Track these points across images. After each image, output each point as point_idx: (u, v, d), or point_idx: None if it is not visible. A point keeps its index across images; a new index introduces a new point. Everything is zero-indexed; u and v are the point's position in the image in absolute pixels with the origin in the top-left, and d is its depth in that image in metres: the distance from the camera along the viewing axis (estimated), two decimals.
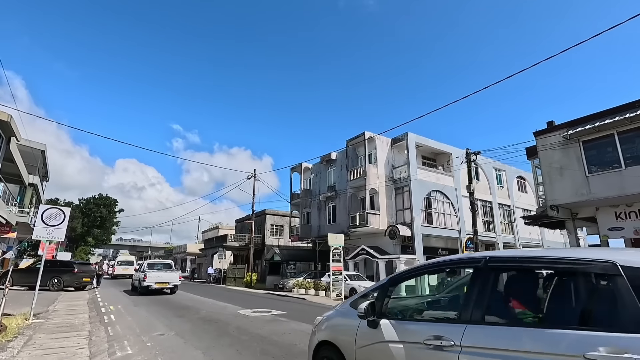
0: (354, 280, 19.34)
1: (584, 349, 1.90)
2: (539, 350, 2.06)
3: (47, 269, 19.89)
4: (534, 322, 2.40)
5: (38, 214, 9.99)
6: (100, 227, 60.57)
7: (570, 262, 2.30)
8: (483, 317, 2.48)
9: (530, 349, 2.10)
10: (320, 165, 29.28)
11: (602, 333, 1.92)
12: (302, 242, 30.86)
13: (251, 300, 16.07)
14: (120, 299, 14.80)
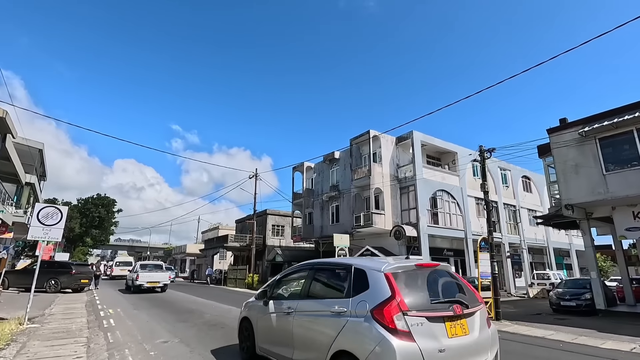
0: None
1: (335, 305, 4.02)
2: (326, 309, 4.10)
3: (44, 270, 19.46)
4: (323, 295, 4.49)
5: (34, 213, 9.50)
6: (99, 228, 59.95)
7: (340, 265, 4.59)
8: (307, 295, 4.68)
9: (320, 309, 4.20)
10: (323, 164, 28.81)
11: (346, 298, 3.95)
12: (304, 242, 30.39)
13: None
14: (120, 302, 14.29)
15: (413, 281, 3.85)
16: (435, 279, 4.07)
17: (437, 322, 3.55)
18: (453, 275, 4.40)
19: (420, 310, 3.53)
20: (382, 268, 3.88)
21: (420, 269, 4.08)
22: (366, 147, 23.95)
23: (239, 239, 33.40)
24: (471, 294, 4.14)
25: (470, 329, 3.73)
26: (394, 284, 3.64)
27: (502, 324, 10.42)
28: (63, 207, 10.03)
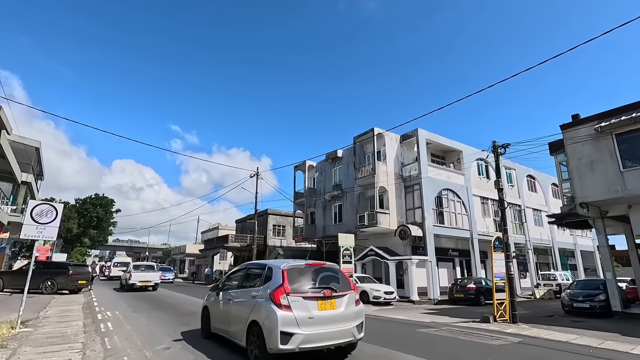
0: (364, 282, 18.37)
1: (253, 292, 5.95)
2: (248, 295, 5.98)
3: (40, 271, 18.91)
4: (249, 286, 6.25)
5: (27, 210, 9.00)
6: (97, 228, 59.24)
7: (260, 265, 6.49)
8: (241, 286, 6.56)
9: (246, 295, 6.05)
10: (325, 163, 28.34)
11: (259, 287, 5.80)
12: (306, 242, 29.90)
13: None
14: (118, 304, 13.78)
15: (300, 275, 5.75)
16: (318, 273, 5.94)
17: (311, 300, 5.40)
18: (334, 271, 6.26)
19: (299, 293, 5.39)
20: (281, 266, 5.78)
21: (308, 267, 6.03)
22: (370, 145, 23.49)
23: (240, 239, 32.88)
24: (345, 284, 6.03)
25: (338, 306, 5.59)
26: (285, 277, 5.53)
27: (520, 328, 9.96)
28: (58, 204, 9.54)
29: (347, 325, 5.58)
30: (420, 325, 10.48)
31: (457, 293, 18.93)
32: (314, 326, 5.26)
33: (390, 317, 12.47)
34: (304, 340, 5.12)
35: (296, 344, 5.05)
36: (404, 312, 14.37)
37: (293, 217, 30.26)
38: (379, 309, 15.28)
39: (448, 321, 11.60)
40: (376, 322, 10.68)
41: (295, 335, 5.08)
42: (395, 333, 8.54)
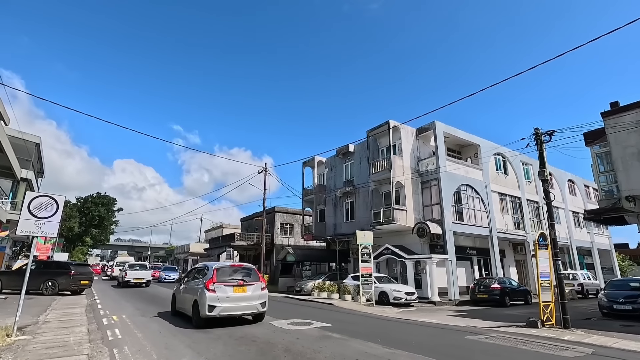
0: (382, 282, 17.37)
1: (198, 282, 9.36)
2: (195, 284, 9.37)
3: (40, 271, 17.91)
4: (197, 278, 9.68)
5: (24, 203, 8.01)
6: (99, 227, 58.36)
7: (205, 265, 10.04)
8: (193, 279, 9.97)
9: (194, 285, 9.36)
10: (335, 158, 27.31)
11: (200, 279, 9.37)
12: (317, 241, 28.91)
13: (275, 306, 14.07)
14: (124, 307, 12.79)
15: (225, 271, 9.08)
16: (237, 270, 9.34)
17: (229, 286, 8.68)
18: (250, 269, 9.68)
19: (221, 282, 8.65)
20: (214, 266, 9.18)
21: (232, 267, 9.50)
22: (384, 138, 22.47)
23: (246, 237, 31.88)
24: (255, 277, 9.40)
25: (248, 290, 8.92)
26: (214, 273, 8.80)
27: (577, 334, 8.90)
28: (59, 196, 8.53)
29: (254, 302, 9.05)
30: (461, 330, 9.47)
31: (480, 293, 17.92)
32: (229, 302, 8.61)
33: (421, 320, 11.46)
34: (222, 310, 8.47)
35: (217, 312, 8.41)
36: (430, 315, 13.37)
37: (302, 215, 29.24)
38: (402, 311, 14.28)
39: (486, 325, 10.60)
40: (412, 328, 9.66)
41: (217, 307, 8.40)
42: (445, 343, 7.53)
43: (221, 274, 8.93)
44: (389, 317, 11.98)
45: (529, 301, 19.01)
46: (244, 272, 9.38)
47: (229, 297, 8.61)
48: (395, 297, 16.11)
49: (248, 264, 10.20)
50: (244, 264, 10.09)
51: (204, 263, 10.55)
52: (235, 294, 8.74)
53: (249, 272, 9.51)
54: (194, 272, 10.37)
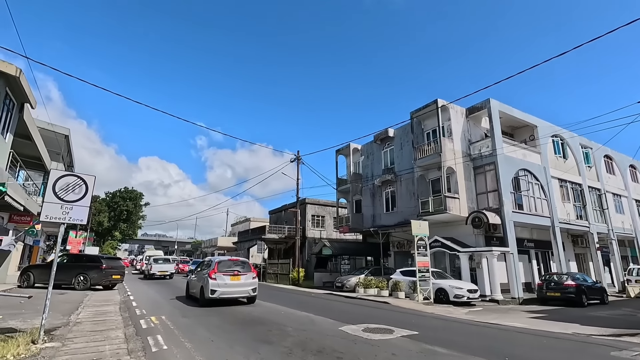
0: (440, 278, 15.50)
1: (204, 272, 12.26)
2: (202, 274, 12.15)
3: (72, 265, 17.04)
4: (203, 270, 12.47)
5: (48, 183, 6.69)
6: (127, 221, 58.92)
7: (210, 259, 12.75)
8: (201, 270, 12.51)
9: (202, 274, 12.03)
10: (372, 145, 25.42)
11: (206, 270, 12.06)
12: (351, 234, 27.26)
13: (327, 306, 12.54)
14: (161, 305, 11.54)
15: (224, 263, 11.78)
16: (234, 263, 12.07)
17: (227, 275, 11.34)
18: (244, 262, 12.45)
19: (221, 272, 11.29)
20: (216, 260, 12.01)
21: (230, 260, 12.27)
22: (430, 120, 20.40)
23: (276, 230, 30.58)
24: (247, 269, 12.03)
25: (242, 279, 11.59)
26: (216, 265, 11.48)
27: None
28: (88, 176, 7.18)
29: (246, 288, 11.59)
30: (585, 342, 7.55)
31: (550, 291, 15.77)
32: (227, 287, 11.15)
33: (506, 324, 9.58)
34: (221, 293, 11.01)
35: (217, 295, 10.93)
36: (506, 316, 11.43)
37: (337, 207, 27.55)
38: (469, 311, 12.40)
39: (594, 332, 8.62)
40: (524, 339, 7.68)
41: (217, 291, 10.94)
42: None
43: (221, 266, 11.54)
44: (467, 320, 10.15)
45: (605, 300, 16.68)
46: (239, 265, 12.03)
47: (227, 283, 11.18)
48: (457, 295, 14.22)
49: (243, 259, 13.18)
50: (240, 258, 12.92)
51: (210, 258, 13.46)
52: (232, 282, 11.31)
53: (244, 264, 12.24)
54: (202, 265, 13.19)
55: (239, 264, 12.03)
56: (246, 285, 11.53)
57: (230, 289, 11.16)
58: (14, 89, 12.02)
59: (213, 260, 11.96)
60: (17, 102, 12.89)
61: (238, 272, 11.54)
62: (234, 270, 11.53)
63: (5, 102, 11.93)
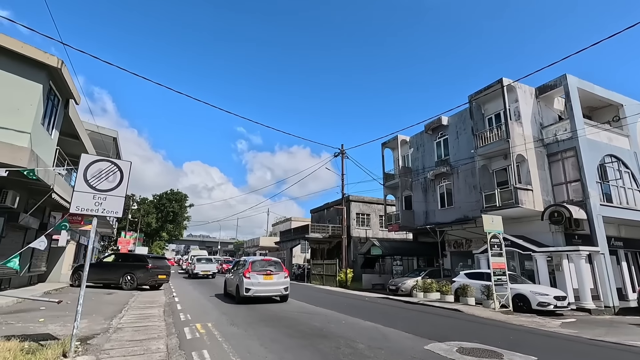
0: (518, 282, 13.30)
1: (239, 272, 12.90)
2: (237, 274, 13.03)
3: (119, 264, 16.74)
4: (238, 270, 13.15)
5: (79, 169, 5.78)
6: (173, 222, 60.82)
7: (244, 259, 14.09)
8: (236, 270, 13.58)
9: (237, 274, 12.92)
10: (423, 135, 23.37)
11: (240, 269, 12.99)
12: (403, 233, 25.35)
13: (391, 314, 10.93)
14: (207, 309, 10.60)
15: (257, 263, 12.39)
16: (268, 263, 12.71)
17: (260, 275, 11.83)
18: (276, 262, 12.89)
19: (254, 272, 11.86)
20: (250, 259, 12.74)
21: (263, 260, 12.88)
22: (494, 103, 18.09)
23: (320, 229, 29.35)
24: (279, 268, 12.51)
25: (275, 278, 12.02)
26: (250, 264, 12.13)
27: None
28: (123, 162, 6.22)
29: (279, 287, 12.06)
30: None
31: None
32: (260, 286, 11.66)
33: (630, 344, 7.44)
34: (255, 292, 11.53)
35: (251, 293, 11.45)
36: (619, 332, 9.17)
37: (384, 204, 25.72)
38: (562, 323, 10.18)
39: None
40: None
41: (251, 289, 11.47)
42: None
43: (255, 266, 12.10)
44: (577, 338, 8.03)
45: None
46: (272, 265, 12.52)
47: (260, 282, 11.66)
48: (541, 302, 11.99)
49: (275, 258, 13.48)
50: (272, 258, 13.41)
51: (245, 258, 14.56)
52: (265, 281, 11.78)
53: (276, 264, 12.68)
54: (238, 264, 14.08)
55: (271, 263, 12.63)
56: (278, 284, 12.00)
57: (263, 288, 11.70)
58: (58, 83, 11.69)
59: (247, 260, 12.70)
60: (61, 97, 12.62)
61: (270, 271, 12.08)
62: (267, 269, 12.11)
63: (50, 97, 11.63)
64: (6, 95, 9.71)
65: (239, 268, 13.01)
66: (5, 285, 13.26)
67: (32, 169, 7.83)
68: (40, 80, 10.43)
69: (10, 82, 9.78)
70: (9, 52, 9.71)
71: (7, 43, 9.56)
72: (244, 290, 11.36)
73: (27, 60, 10.00)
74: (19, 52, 9.81)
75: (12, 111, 9.78)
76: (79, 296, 5.58)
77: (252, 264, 12.07)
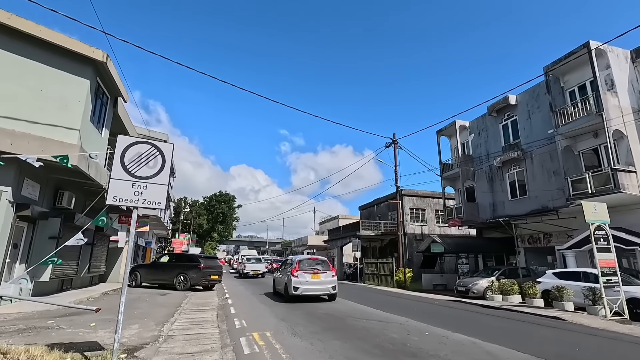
0: (631, 284, 10.85)
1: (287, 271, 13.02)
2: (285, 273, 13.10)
3: (173, 265, 16.52)
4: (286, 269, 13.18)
5: (115, 153, 4.94)
6: (223, 223, 62.52)
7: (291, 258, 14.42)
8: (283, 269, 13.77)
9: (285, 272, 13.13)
10: (485, 119, 20.92)
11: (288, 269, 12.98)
12: (464, 228, 23.05)
13: (476, 322, 9.24)
14: (262, 313, 9.68)
15: (304, 262, 12.53)
16: (316, 262, 12.73)
17: (308, 273, 11.96)
18: (323, 260, 12.89)
19: (302, 270, 11.97)
20: (297, 258, 12.95)
21: (310, 259, 13.04)
22: (576, 73, 15.42)
23: (371, 226, 27.78)
24: (326, 267, 12.50)
25: (322, 277, 12.08)
26: (297, 264, 12.19)
27: None
28: (165, 144, 5.32)
29: (327, 285, 12.03)
30: None
31: None
32: (308, 285, 11.70)
33: None
34: (303, 290, 11.61)
35: (300, 292, 11.55)
36: None
37: (442, 198, 23.51)
38: None
39: None
40: None
41: (300, 288, 11.57)
42: None
43: (302, 265, 12.15)
44: None
45: None
46: (319, 263, 12.53)
47: (308, 281, 11.73)
48: None
49: (322, 257, 13.52)
50: (319, 257, 13.41)
51: (292, 257, 14.68)
52: (313, 279, 11.82)
53: (323, 262, 12.66)
54: (285, 263, 14.23)
55: (318, 262, 12.67)
56: (326, 283, 12.06)
57: (311, 287, 11.78)
58: (105, 79, 11.45)
59: (294, 259, 12.84)
60: (110, 95, 12.45)
61: (318, 270, 12.15)
62: (314, 268, 12.18)
63: (98, 94, 11.42)
64: (54, 92, 9.47)
65: (286, 267, 13.20)
66: (67, 285, 13.45)
67: (65, 155, 7.28)
68: (86, 76, 10.14)
69: (57, 78, 9.53)
70: (54, 47, 9.47)
71: (52, 38, 9.31)
72: (292, 289, 11.54)
73: (73, 55, 9.73)
74: (65, 47, 9.53)
75: (61, 108, 9.53)
76: (120, 303, 4.70)
77: (299, 263, 12.21)
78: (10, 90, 8.84)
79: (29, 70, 9.24)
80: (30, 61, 9.24)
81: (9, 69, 9.02)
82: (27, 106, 8.94)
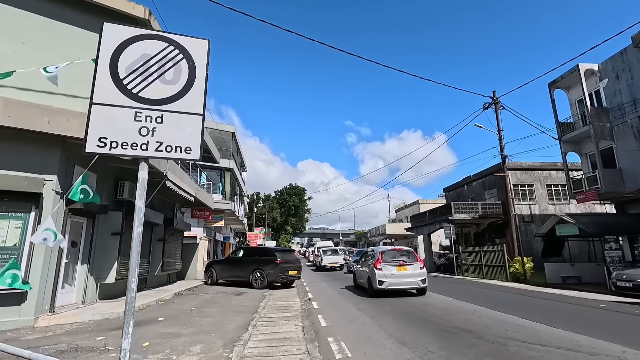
0: None
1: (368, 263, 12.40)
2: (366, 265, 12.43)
3: (248, 260, 14.59)
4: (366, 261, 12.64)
5: (99, 53, 2.66)
6: (295, 216, 62.37)
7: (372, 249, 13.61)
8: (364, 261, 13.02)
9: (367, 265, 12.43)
10: (626, 55, 15.55)
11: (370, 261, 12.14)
12: (598, 203, 17.89)
13: None
14: (354, 317, 7.26)
15: (388, 254, 11.63)
16: (400, 252, 11.85)
17: (393, 265, 11.12)
18: (408, 251, 12.07)
19: (386, 262, 11.12)
20: (379, 250, 12.05)
21: (393, 250, 12.11)
22: None
23: (467, 209, 23.58)
24: (413, 259, 11.59)
25: (409, 269, 11.17)
26: (380, 255, 11.37)
27: None
28: (192, 39, 2.89)
29: (414, 279, 11.17)
30: None
31: None
32: (394, 278, 10.94)
33: None
34: (389, 284, 10.83)
35: (385, 286, 10.79)
36: None
37: (565, 169, 18.40)
38: None
39: None
40: None
41: (385, 282, 10.83)
42: None
43: (386, 256, 11.48)
44: None
45: None
46: (404, 254, 11.81)
47: (393, 274, 11.02)
48: None
49: (407, 248, 12.89)
50: (404, 248, 12.70)
51: (372, 248, 14.43)
52: (399, 272, 11.10)
53: (408, 253, 11.98)
54: (365, 255, 13.55)
55: (403, 253, 11.91)
56: (414, 275, 11.23)
57: (397, 280, 11.05)
58: None
59: (376, 251, 12.20)
60: None
61: (404, 262, 11.37)
62: (400, 260, 11.40)
63: None
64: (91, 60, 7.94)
65: (367, 259, 12.52)
66: (142, 285, 12.50)
67: None
68: None
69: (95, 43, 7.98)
70: (90, 5, 7.92)
71: None
72: (377, 283, 10.89)
73: (110, 13, 8.09)
74: (101, 4, 7.94)
75: None
76: (123, 324, 2.40)
77: (382, 255, 11.48)
78: (47, 60, 7.45)
79: (66, 36, 7.85)
80: (64, 24, 7.83)
81: (44, 34, 7.70)
82: (64, 78, 7.50)
